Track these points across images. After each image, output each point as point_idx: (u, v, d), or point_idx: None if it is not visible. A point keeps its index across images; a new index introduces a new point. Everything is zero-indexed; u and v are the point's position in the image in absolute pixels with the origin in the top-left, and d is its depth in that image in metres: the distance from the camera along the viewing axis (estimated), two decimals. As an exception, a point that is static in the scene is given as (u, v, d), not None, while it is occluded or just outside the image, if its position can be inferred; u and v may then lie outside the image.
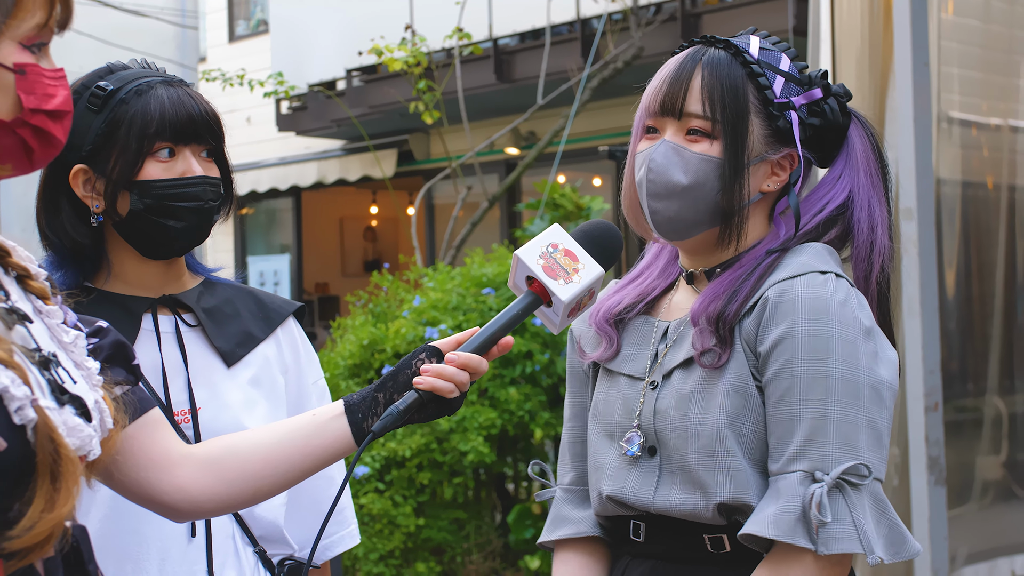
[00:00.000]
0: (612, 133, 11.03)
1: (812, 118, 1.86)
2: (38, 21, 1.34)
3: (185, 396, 2.00)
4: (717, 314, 1.76)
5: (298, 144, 14.46)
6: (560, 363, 6.12)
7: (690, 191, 1.79)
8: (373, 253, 16.79)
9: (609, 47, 8.87)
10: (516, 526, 6.13)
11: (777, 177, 1.85)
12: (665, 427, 1.78)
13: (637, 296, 1.95)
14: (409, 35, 8.38)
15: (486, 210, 8.31)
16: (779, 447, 1.70)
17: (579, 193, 8.18)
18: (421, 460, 5.81)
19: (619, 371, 1.89)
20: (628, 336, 1.92)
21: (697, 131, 1.80)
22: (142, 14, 14.26)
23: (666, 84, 1.83)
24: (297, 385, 2.17)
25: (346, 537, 2.24)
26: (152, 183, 1.95)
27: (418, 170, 13.24)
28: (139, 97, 1.96)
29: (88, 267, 2.04)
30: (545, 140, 8.46)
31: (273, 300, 2.19)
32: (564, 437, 2.01)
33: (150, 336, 2.02)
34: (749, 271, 1.79)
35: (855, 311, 1.71)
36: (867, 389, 1.68)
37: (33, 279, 1.47)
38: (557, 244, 1.69)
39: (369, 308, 6.54)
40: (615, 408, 1.87)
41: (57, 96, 1.36)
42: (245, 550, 2.04)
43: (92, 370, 1.46)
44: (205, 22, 15.95)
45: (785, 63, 1.86)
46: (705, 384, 1.76)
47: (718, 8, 9.52)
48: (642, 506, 1.80)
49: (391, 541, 5.83)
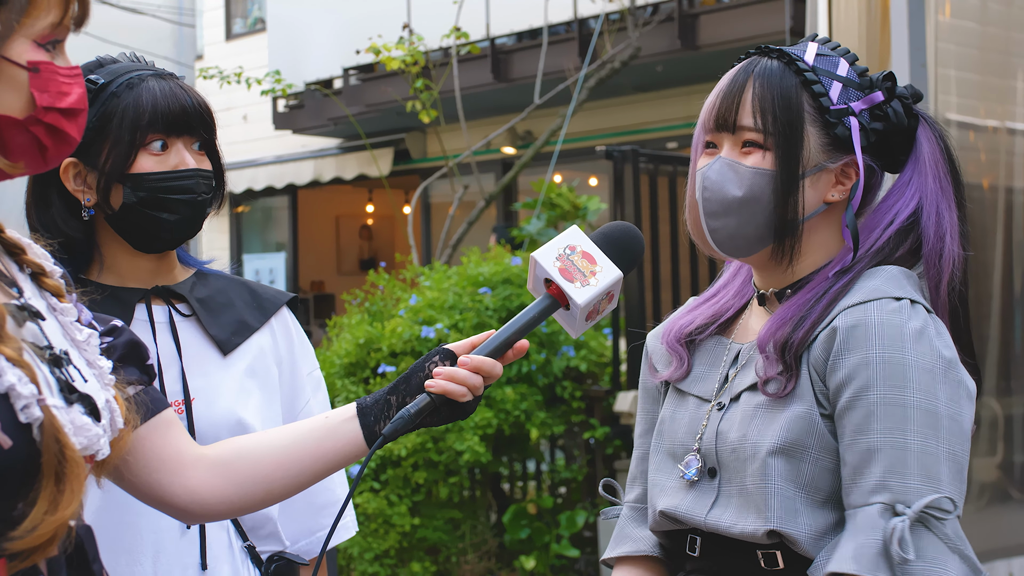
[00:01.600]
0: (609, 133, 11.04)
1: (875, 123, 1.79)
2: (53, 19, 1.33)
3: (179, 386, 1.99)
4: (783, 342, 1.70)
5: (294, 142, 14.45)
6: (556, 363, 6.12)
7: (746, 205, 1.74)
8: (369, 252, 16.79)
9: (606, 47, 8.87)
10: (511, 526, 6.13)
11: (842, 186, 1.78)
12: (724, 448, 1.75)
13: (711, 316, 1.90)
14: (407, 34, 8.38)
15: (483, 209, 8.31)
16: (855, 477, 1.63)
17: (576, 193, 8.19)
18: (417, 459, 5.81)
19: (689, 391, 1.86)
20: (700, 356, 1.88)
21: (751, 143, 1.75)
22: (139, 12, 14.23)
23: (719, 99, 1.78)
24: (291, 376, 2.16)
25: (340, 529, 2.22)
26: (145, 176, 1.94)
27: (414, 169, 13.23)
28: (130, 90, 1.95)
29: (80, 260, 2.03)
30: (542, 139, 8.46)
31: (266, 291, 2.18)
32: (635, 453, 1.98)
33: (144, 326, 2.01)
34: (818, 295, 1.73)
35: (932, 339, 1.64)
36: (947, 420, 1.61)
37: (48, 277, 1.47)
38: (575, 246, 1.66)
39: (365, 307, 6.53)
40: (680, 427, 1.84)
41: (72, 94, 1.36)
42: (237, 542, 2.04)
43: (104, 369, 1.46)
44: (202, 20, 15.93)
45: (843, 68, 1.79)
46: (768, 408, 1.71)
47: (715, 9, 9.52)
48: (694, 524, 1.77)
49: (386, 540, 5.83)
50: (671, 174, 6.82)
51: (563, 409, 6.24)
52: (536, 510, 6.22)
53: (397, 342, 5.95)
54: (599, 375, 6.41)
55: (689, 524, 1.79)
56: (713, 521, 1.74)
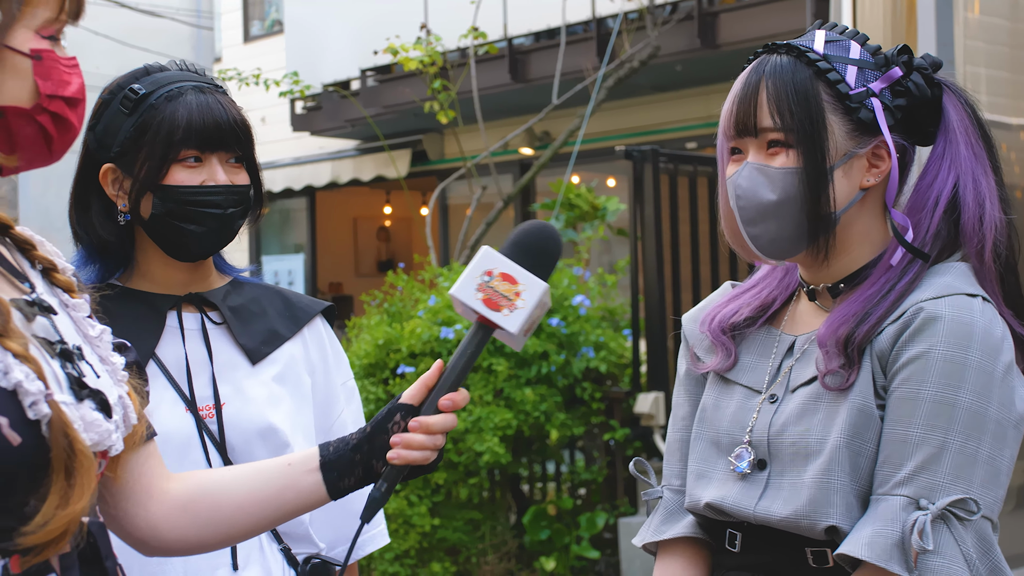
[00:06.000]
0: (628, 133, 11.00)
1: (897, 99, 1.75)
2: (51, 13, 1.36)
3: (210, 391, 2.01)
4: (846, 337, 1.67)
5: (312, 144, 14.46)
6: (576, 364, 6.09)
7: (782, 207, 1.72)
8: (386, 253, 16.80)
9: (625, 46, 8.84)
10: (531, 527, 6.11)
11: (876, 169, 1.75)
12: (781, 442, 1.71)
13: (758, 308, 1.87)
14: (424, 34, 8.37)
15: (501, 210, 8.29)
16: (887, 467, 1.62)
17: (594, 193, 8.16)
18: (436, 460, 5.79)
19: (736, 380, 1.83)
20: (747, 346, 1.85)
21: (775, 143, 1.72)
22: (158, 15, 14.28)
23: (736, 104, 1.76)
24: (325, 385, 2.16)
25: (377, 536, 2.24)
26: (173, 188, 1.97)
27: (432, 170, 13.23)
28: (168, 103, 1.98)
29: (115, 264, 2.07)
30: (560, 140, 8.44)
31: (300, 299, 2.19)
32: (674, 436, 1.93)
33: (175, 333, 2.03)
34: (882, 292, 1.70)
35: (999, 341, 1.62)
36: (993, 424, 1.59)
37: (59, 273, 1.48)
38: (492, 270, 1.56)
39: (384, 308, 6.53)
40: (724, 417, 1.81)
41: (72, 83, 1.39)
42: (270, 546, 2.04)
43: (117, 365, 1.46)
44: (220, 22, 15.98)
45: (856, 50, 1.76)
46: (829, 402, 1.68)
47: (735, 7, 9.47)
48: (742, 515, 1.74)
49: (406, 541, 5.82)
50: (691, 174, 6.80)
51: (583, 410, 6.22)
52: (556, 511, 6.20)
53: (416, 343, 5.94)
54: (619, 376, 6.39)
55: (736, 517, 1.75)
56: (763, 512, 1.70)
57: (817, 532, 1.65)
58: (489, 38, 8.90)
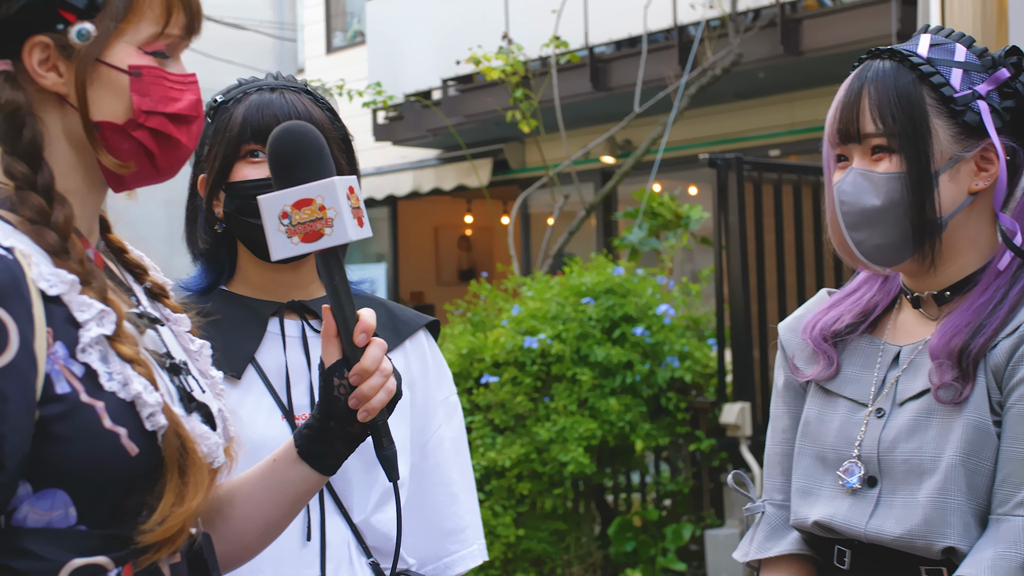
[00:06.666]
0: (710, 141, 10.93)
1: (1006, 101, 1.72)
2: (156, 28, 1.34)
3: (307, 400, 2.01)
4: (960, 349, 1.64)
5: (394, 153, 14.56)
6: (660, 374, 6.05)
7: (887, 213, 1.69)
8: (468, 262, 16.85)
9: (707, 54, 8.78)
10: (616, 538, 6.08)
11: (986, 172, 1.72)
12: (893, 459, 1.68)
13: (859, 314, 1.84)
14: (506, 44, 8.39)
15: (583, 219, 8.27)
16: (1007, 487, 1.59)
17: (677, 202, 8.11)
18: (521, 470, 5.79)
19: (839, 393, 1.80)
20: (849, 356, 1.82)
21: (879, 148, 1.71)
22: (242, 27, 14.49)
23: (839, 111, 1.74)
24: (424, 400, 2.14)
25: (467, 557, 2.17)
26: (238, 184, 1.99)
27: (513, 179, 13.24)
28: (236, 104, 2.01)
29: (219, 271, 2.09)
30: (642, 148, 8.40)
31: (404, 312, 2.17)
32: (775, 449, 1.90)
33: (275, 339, 2.04)
34: (994, 300, 1.67)
35: None
36: None
37: (167, 297, 1.49)
38: (284, 211, 1.43)
39: (468, 317, 6.55)
40: (830, 431, 1.78)
41: (181, 100, 1.36)
42: (359, 559, 2.03)
43: (216, 379, 1.48)
44: (303, 34, 16.15)
45: (961, 53, 1.73)
46: (942, 417, 1.65)
47: (818, 13, 9.37)
48: (852, 534, 1.70)
49: (491, 551, 5.82)
50: (776, 182, 6.72)
51: (668, 421, 6.17)
52: (641, 523, 6.16)
53: (500, 352, 5.95)
54: (704, 386, 6.34)
55: (846, 535, 1.72)
56: (875, 531, 1.67)
57: (934, 552, 1.62)
58: (570, 47, 8.90)
